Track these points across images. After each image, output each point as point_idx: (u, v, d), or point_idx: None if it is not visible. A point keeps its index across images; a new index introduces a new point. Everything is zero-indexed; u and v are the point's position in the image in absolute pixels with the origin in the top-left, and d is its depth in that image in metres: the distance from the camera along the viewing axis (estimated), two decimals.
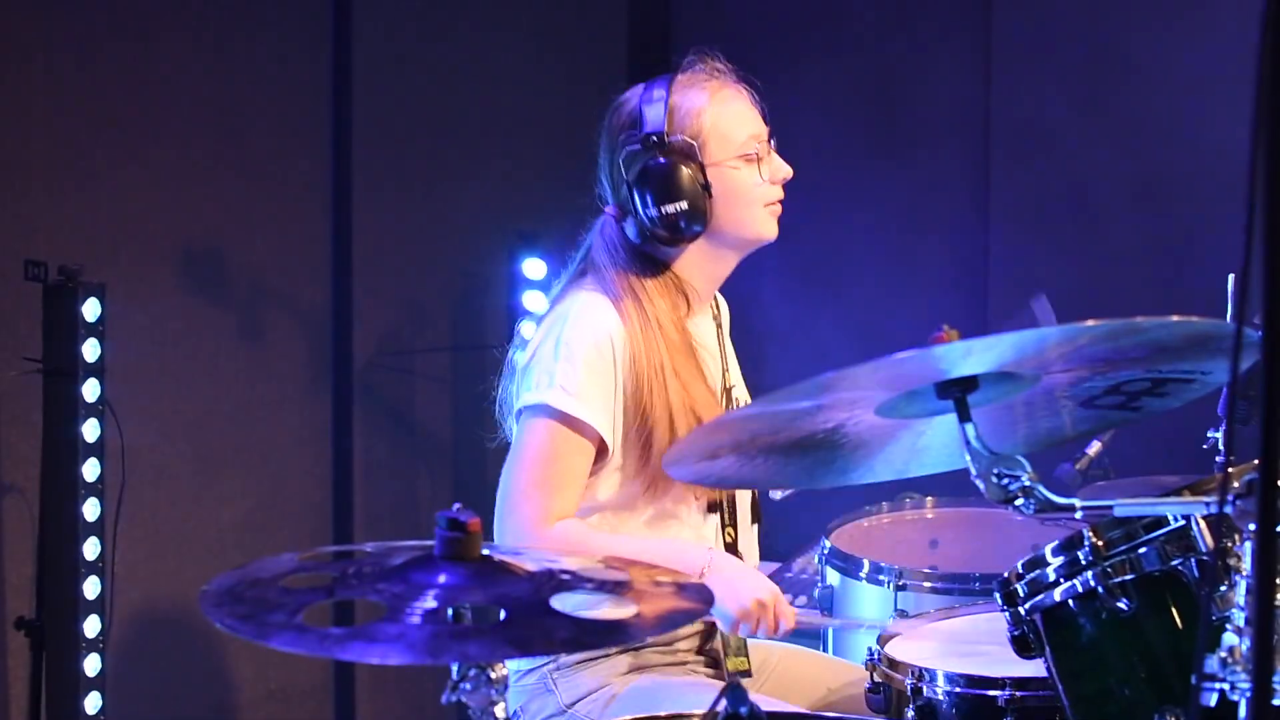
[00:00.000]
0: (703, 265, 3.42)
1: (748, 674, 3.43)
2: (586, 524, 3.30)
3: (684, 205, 3.31)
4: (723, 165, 3.35)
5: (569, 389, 3.23)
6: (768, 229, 3.42)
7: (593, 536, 3.26)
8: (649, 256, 3.37)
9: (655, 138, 3.33)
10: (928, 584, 3.86)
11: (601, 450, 3.28)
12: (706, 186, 3.33)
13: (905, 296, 5.98)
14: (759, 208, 3.39)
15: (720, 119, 3.36)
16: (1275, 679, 2.19)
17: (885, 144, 6.12)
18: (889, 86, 6.14)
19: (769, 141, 3.43)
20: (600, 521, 3.35)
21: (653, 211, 3.32)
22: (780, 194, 3.42)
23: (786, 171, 3.42)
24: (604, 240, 3.42)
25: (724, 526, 3.44)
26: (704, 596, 2.31)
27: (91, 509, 4.17)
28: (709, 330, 3.53)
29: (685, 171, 3.31)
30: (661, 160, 3.32)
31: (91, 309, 4.12)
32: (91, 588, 4.19)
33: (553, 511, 3.22)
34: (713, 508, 3.43)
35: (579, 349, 3.25)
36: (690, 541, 3.36)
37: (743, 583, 3.22)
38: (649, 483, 3.32)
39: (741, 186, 3.37)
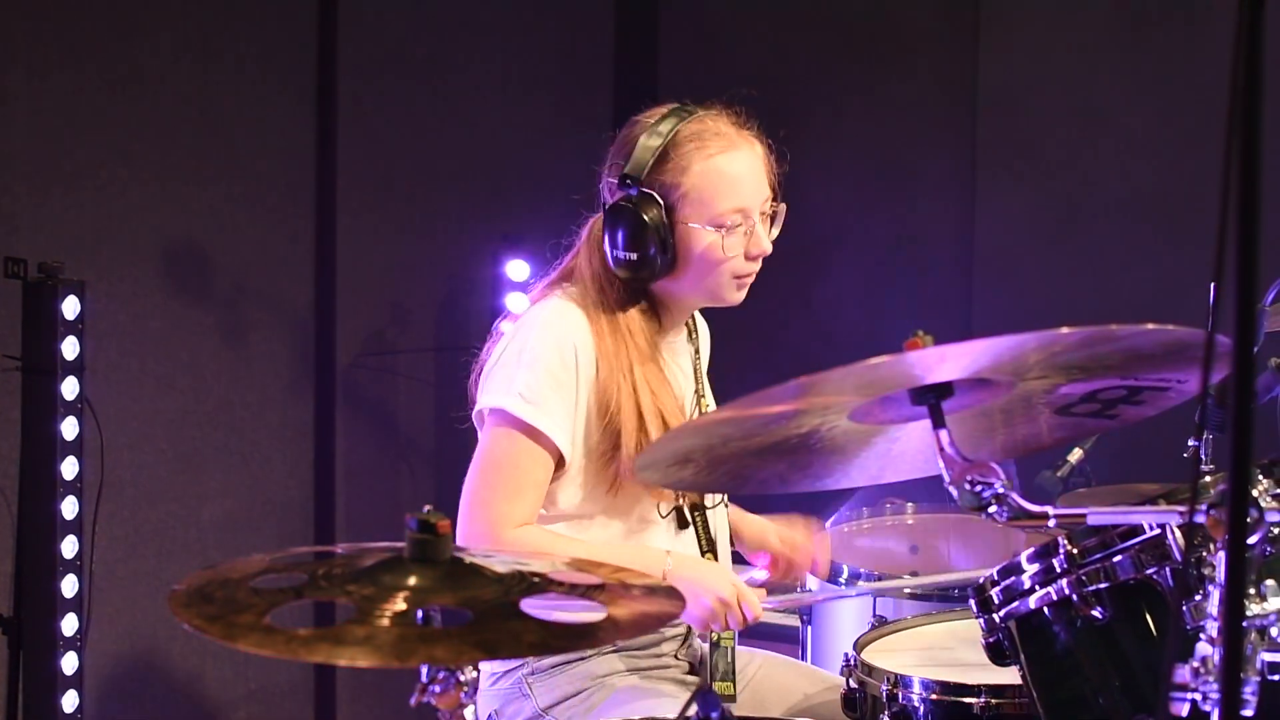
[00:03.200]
0: (673, 296, 3.40)
1: (732, 699, 3.43)
2: (547, 530, 3.29)
3: (635, 256, 3.27)
4: (692, 227, 3.28)
5: (528, 396, 3.21)
6: (729, 296, 3.37)
7: (552, 542, 3.24)
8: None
9: (630, 180, 3.29)
10: (907, 590, 3.86)
11: (560, 462, 3.27)
12: (667, 243, 3.28)
13: (889, 301, 5.99)
14: (722, 277, 3.32)
15: (706, 183, 3.28)
16: (1246, 689, 2.19)
17: (872, 149, 6.12)
18: (877, 90, 6.14)
19: (774, 208, 3.37)
20: (565, 531, 3.34)
21: (610, 249, 3.31)
22: (751, 268, 3.35)
23: (762, 250, 3.34)
24: (590, 244, 3.40)
25: (703, 553, 3.43)
26: (675, 599, 2.30)
27: (70, 507, 4.16)
28: (684, 351, 3.51)
29: (647, 224, 3.26)
30: (628, 205, 3.28)
31: (71, 307, 4.10)
32: (69, 586, 4.17)
33: (511, 518, 3.21)
34: (683, 524, 3.42)
35: (542, 357, 3.23)
36: (648, 546, 3.35)
37: (702, 583, 3.20)
38: (614, 492, 3.31)
39: (705, 253, 3.29)
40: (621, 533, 3.36)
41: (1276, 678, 2.28)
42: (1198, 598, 2.38)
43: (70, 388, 4.13)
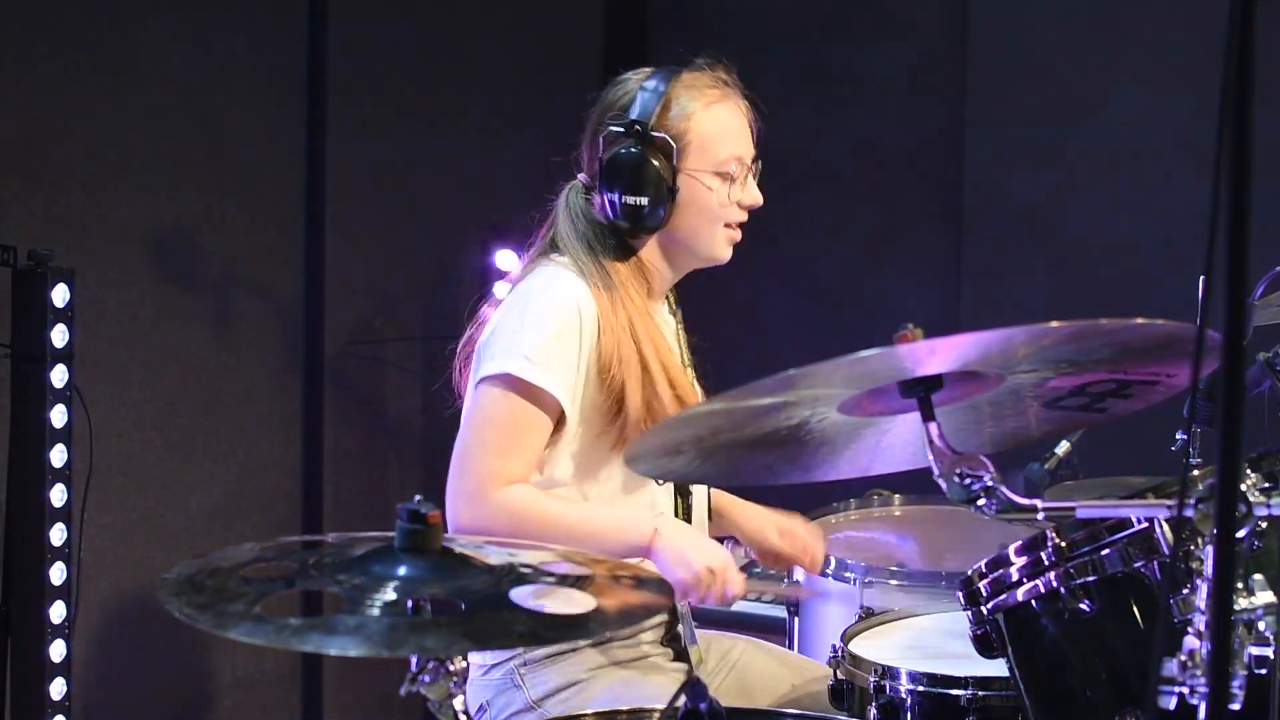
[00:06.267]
0: (659, 260, 3.43)
1: (701, 662, 3.45)
2: (536, 490, 3.29)
3: (644, 200, 3.31)
4: (695, 175, 3.35)
5: (532, 357, 3.22)
6: (720, 249, 3.44)
7: (542, 501, 3.24)
8: (616, 235, 3.38)
9: (639, 126, 3.34)
10: (894, 581, 3.86)
11: (560, 422, 3.28)
12: (672, 190, 3.33)
13: (878, 292, 5.99)
14: (718, 226, 3.39)
15: (708, 129, 3.36)
16: (1234, 683, 2.19)
17: (857, 139, 6.12)
18: (863, 81, 6.14)
19: (752, 165, 3.43)
20: (562, 494, 3.34)
21: (614, 197, 3.33)
22: (742, 218, 3.43)
23: (756, 200, 3.42)
24: (569, 212, 3.43)
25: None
26: (664, 591, 2.31)
27: (59, 495, 4.15)
28: (669, 322, 3.54)
29: (656, 169, 3.31)
30: (636, 151, 3.32)
31: (60, 294, 4.10)
32: (58, 573, 4.17)
33: (504, 475, 3.21)
34: (679, 491, 3.43)
35: (545, 318, 3.25)
36: (639, 511, 3.36)
37: (693, 548, 3.20)
38: (619, 448, 3.31)
39: (707, 201, 3.37)
40: (617, 500, 3.36)
41: (1263, 672, 2.29)
42: (1185, 591, 2.38)
43: (59, 375, 4.12)
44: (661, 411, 3.27)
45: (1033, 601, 2.77)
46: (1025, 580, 2.77)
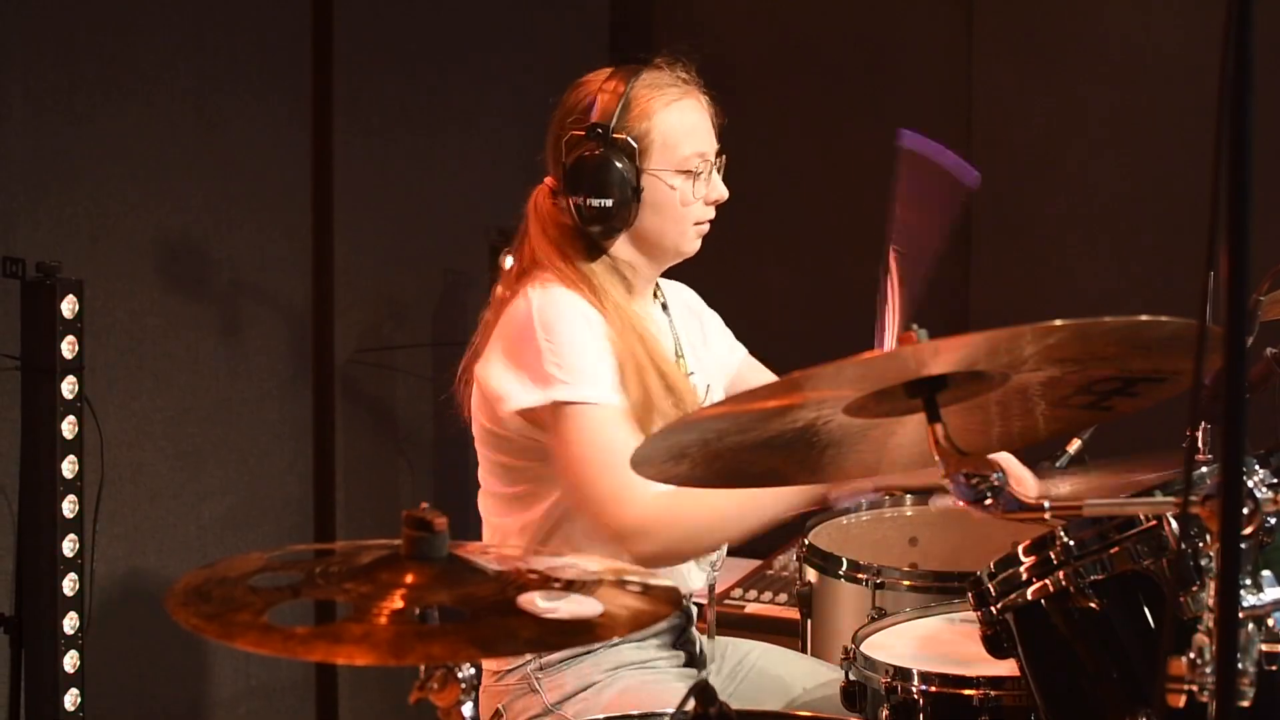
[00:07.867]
0: (631, 256, 3.44)
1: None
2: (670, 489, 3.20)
3: (609, 203, 3.33)
4: (659, 174, 3.36)
5: (570, 379, 3.21)
6: (687, 245, 3.45)
7: (698, 496, 3.19)
8: (585, 237, 3.39)
9: (600, 129, 3.35)
10: (906, 582, 3.85)
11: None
12: (637, 190, 3.35)
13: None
14: (686, 224, 3.41)
15: (670, 128, 3.38)
16: (1244, 680, 2.19)
17: (860, 137, 6.12)
18: (869, 77, 6.14)
19: (716, 159, 3.45)
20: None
21: (580, 201, 3.34)
22: (710, 214, 3.45)
23: (721, 194, 3.44)
24: (538, 219, 3.45)
25: None
26: (671, 597, 2.30)
27: (70, 506, 4.16)
28: (658, 316, 3.54)
29: (619, 170, 3.33)
30: (599, 153, 3.33)
31: (70, 306, 4.11)
32: (70, 584, 4.18)
33: (634, 487, 3.15)
34: None
35: (562, 333, 3.25)
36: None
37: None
38: None
39: (672, 199, 3.38)
40: None
41: (1274, 668, 2.29)
42: (1194, 588, 2.38)
43: (69, 387, 4.13)
44: (649, 415, 3.26)
45: (1042, 601, 2.77)
46: (1034, 580, 2.77)
